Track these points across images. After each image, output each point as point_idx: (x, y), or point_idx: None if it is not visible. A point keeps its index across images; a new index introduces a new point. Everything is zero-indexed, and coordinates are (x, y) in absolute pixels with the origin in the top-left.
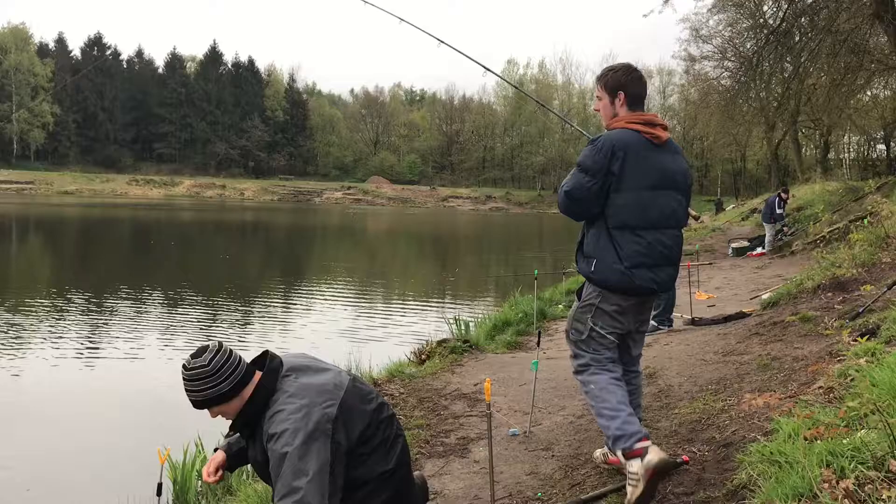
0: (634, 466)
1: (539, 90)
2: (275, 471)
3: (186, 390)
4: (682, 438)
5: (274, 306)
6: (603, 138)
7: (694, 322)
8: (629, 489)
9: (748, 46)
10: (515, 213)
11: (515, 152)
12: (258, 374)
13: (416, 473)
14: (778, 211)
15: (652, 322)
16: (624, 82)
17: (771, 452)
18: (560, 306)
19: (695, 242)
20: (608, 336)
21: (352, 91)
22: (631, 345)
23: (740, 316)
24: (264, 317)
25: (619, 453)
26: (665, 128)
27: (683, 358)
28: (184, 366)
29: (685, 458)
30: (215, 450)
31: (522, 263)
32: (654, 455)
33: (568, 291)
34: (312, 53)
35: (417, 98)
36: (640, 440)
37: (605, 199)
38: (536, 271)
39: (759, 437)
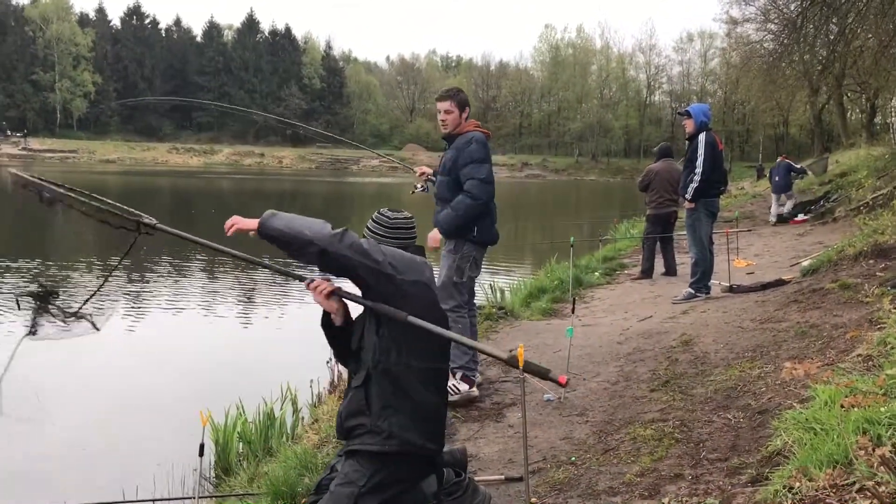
0: (462, 387)
1: (576, 54)
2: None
3: (366, 227)
4: (717, 405)
5: (312, 270)
6: (478, 136)
7: (732, 289)
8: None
9: (792, 8)
10: (552, 179)
11: (552, 118)
12: None
13: (456, 447)
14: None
15: (689, 289)
16: (467, 100)
17: (806, 419)
18: (596, 274)
19: (734, 209)
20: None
21: (387, 58)
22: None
23: (779, 283)
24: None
25: (458, 374)
26: None
27: (720, 325)
28: (379, 210)
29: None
30: None
31: (559, 230)
32: (476, 392)
33: (604, 258)
34: (348, 20)
35: (453, 64)
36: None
37: None
38: (573, 238)
39: (795, 404)
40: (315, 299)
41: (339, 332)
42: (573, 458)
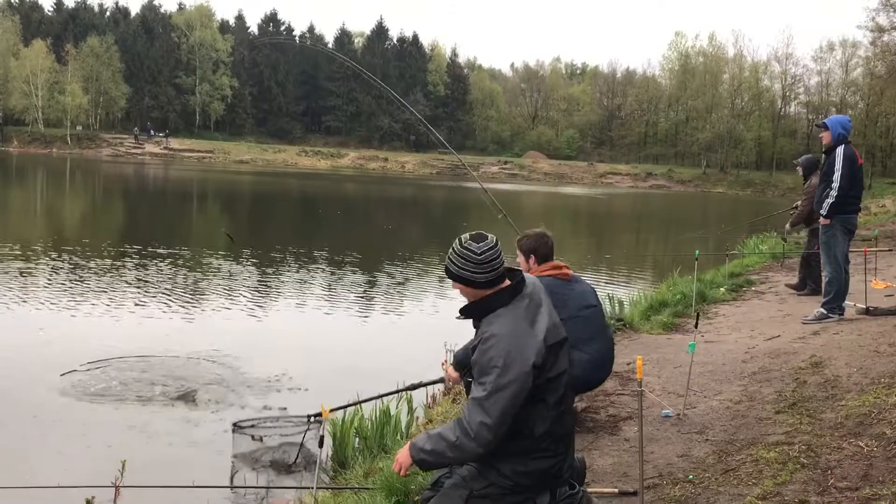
0: None
1: (707, 62)
2: (477, 370)
3: (450, 260)
4: (847, 431)
5: (432, 273)
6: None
7: (868, 311)
8: None
9: None
10: (677, 190)
11: (680, 128)
12: (506, 283)
13: (578, 456)
14: None
15: (821, 309)
16: (530, 246)
17: None
18: (722, 289)
19: (873, 227)
20: None
21: (512, 65)
22: None
23: None
24: (424, 282)
25: None
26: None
27: (854, 348)
28: (460, 241)
29: None
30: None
31: (682, 244)
32: None
33: (731, 274)
34: (473, 28)
35: (578, 72)
36: None
37: None
38: (697, 252)
39: None
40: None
41: None
42: (691, 476)
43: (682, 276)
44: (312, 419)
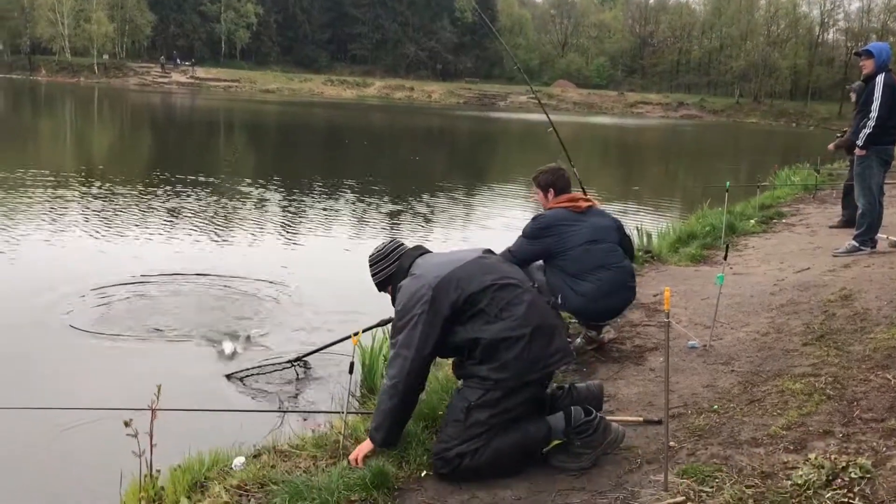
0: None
1: None
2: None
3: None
4: (876, 364)
5: (455, 205)
6: (540, 215)
7: None
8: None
9: None
10: (710, 120)
11: (713, 56)
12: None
13: (593, 382)
14: None
15: (852, 241)
16: (549, 180)
17: None
18: (752, 221)
19: None
20: None
21: None
22: None
23: None
24: (445, 214)
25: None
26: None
27: (885, 281)
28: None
29: None
30: None
31: (713, 175)
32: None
33: (761, 206)
34: None
35: None
36: None
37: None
38: (728, 183)
39: None
40: None
41: None
42: (716, 406)
43: (711, 209)
44: (295, 362)
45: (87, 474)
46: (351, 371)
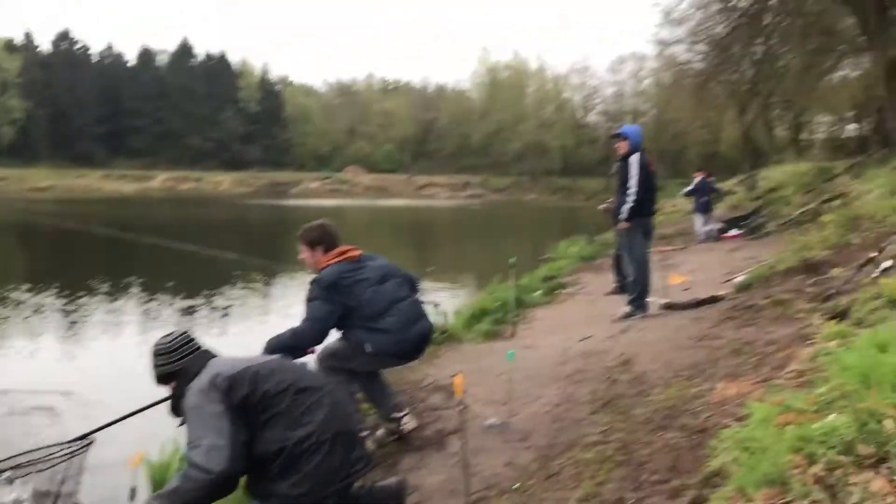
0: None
1: (513, 76)
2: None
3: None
4: (656, 425)
5: (253, 299)
6: (319, 276)
7: (669, 307)
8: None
9: (719, 29)
10: (493, 199)
11: (492, 139)
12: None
13: (395, 479)
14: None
15: (626, 308)
16: (316, 237)
17: (743, 438)
18: (537, 293)
19: (669, 227)
20: None
21: (324, 81)
22: None
23: (713, 300)
24: (244, 311)
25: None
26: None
27: (658, 343)
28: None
29: None
30: None
31: (502, 251)
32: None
33: (545, 278)
34: (284, 47)
35: (391, 87)
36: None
37: None
38: (513, 259)
39: (732, 423)
40: None
41: None
42: (516, 486)
43: (501, 283)
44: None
45: None
46: (132, 498)
